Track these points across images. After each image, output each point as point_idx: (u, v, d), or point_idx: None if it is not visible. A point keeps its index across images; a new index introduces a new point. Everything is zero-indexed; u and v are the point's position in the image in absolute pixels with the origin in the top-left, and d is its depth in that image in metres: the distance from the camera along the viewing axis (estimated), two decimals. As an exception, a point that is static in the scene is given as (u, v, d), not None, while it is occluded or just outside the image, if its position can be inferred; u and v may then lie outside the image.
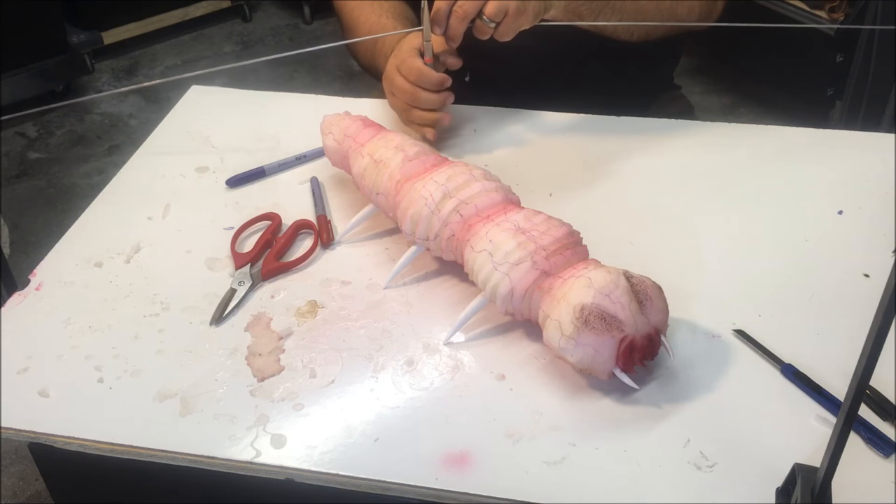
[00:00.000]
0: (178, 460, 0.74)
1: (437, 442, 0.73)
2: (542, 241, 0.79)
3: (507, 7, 0.94)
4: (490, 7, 0.94)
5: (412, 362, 0.81)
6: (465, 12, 0.95)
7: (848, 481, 0.62)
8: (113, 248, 0.96)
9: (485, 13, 0.95)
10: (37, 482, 1.68)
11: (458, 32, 0.97)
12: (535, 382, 0.78)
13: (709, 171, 1.05)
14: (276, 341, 0.83)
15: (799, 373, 0.77)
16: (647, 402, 0.76)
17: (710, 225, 0.96)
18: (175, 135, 1.15)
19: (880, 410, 0.74)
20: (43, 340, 0.85)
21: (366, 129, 0.97)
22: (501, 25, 0.96)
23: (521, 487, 0.69)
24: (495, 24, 0.96)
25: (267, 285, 0.90)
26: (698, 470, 0.70)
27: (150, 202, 1.03)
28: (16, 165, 2.57)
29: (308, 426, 0.75)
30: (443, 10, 0.96)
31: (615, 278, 0.74)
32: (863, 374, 0.51)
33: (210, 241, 0.96)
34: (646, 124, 1.13)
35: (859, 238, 0.93)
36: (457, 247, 0.85)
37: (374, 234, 0.97)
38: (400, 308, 0.87)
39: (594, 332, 0.72)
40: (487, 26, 0.96)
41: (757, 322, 0.83)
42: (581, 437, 0.73)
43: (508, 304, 0.79)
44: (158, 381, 0.80)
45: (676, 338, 0.82)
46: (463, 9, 0.95)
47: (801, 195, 1.00)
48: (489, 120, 1.15)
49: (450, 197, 0.84)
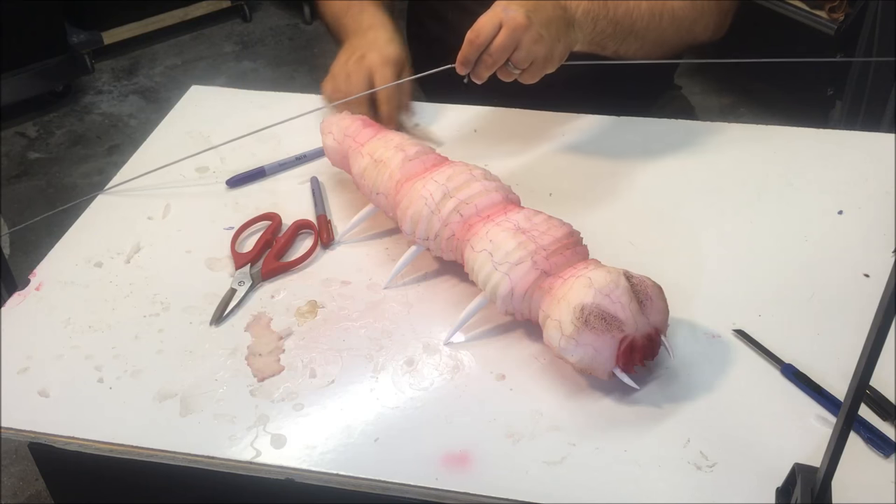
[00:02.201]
0: (178, 460, 0.74)
1: (437, 442, 0.73)
2: (543, 240, 0.79)
3: (535, 57, 0.93)
4: (518, 57, 0.93)
5: (412, 362, 0.81)
6: (493, 62, 0.93)
7: (848, 481, 0.62)
8: (113, 248, 0.96)
9: (512, 61, 0.93)
10: (37, 482, 1.68)
11: (482, 78, 0.95)
12: (535, 382, 0.78)
13: (709, 171, 1.05)
14: (276, 341, 0.83)
15: (799, 373, 0.77)
16: (647, 402, 0.76)
17: (710, 225, 0.96)
18: (175, 135, 1.15)
19: (880, 410, 0.74)
20: (43, 340, 0.85)
21: (366, 128, 0.97)
22: (527, 72, 0.95)
23: (521, 487, 0.69)
24: (520, 71, 0.95)
25: (267, 285, 0.90)
26: (698, 470, 0.70)
27: (150, 202, 1.03)
28: (16, 165, 2.57)
29: (308, 426, 0.75)
30: (470, 57, 0.94)
31: (615, 278, 0.74)
32: (863, 374, 0.51)
33: (210, 241, 0.96)
34: (646, 124, 1.14)
35: (859, 238, 0.93)
36: (457, 247, 0.85)
37: (374, 234, 0.97)
38: (400, 308, 0.87)
39: (594, 332, 0.72)
40: (512, 73, 0.95)
41: (757, 322, 0.83)
42: (581, 437, 0.73)
43: (508, 304, 0.79)
44: (158, 381, 0.80)
45: (676, 338, 0.82)
46: (492, 58, 0.93)
47: (801, 195, 1.00)
48: (489, 120, 1.15)
49: (450, 197, 0.84)
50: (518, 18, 0.91)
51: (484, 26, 0.92)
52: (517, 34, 0.91)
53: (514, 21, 0.91)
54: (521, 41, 0.91)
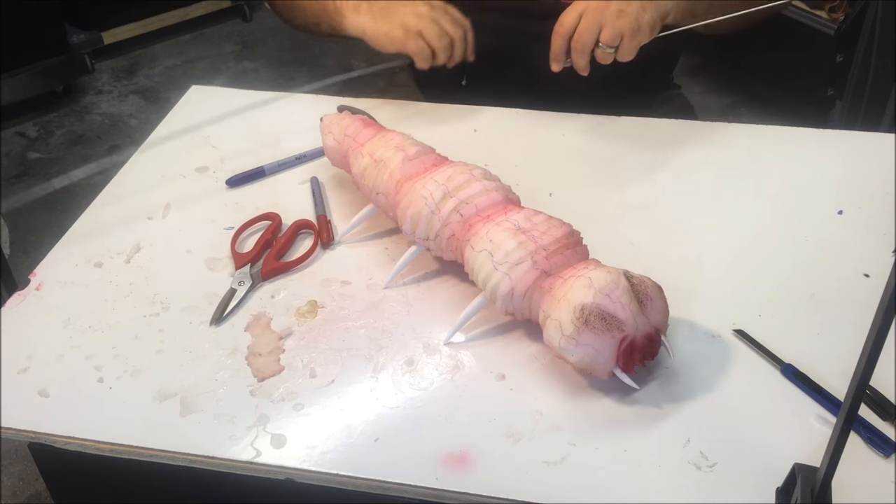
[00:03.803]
0: (178, 460, 0.74)
1: (437, 442, 0.73)
2: (543, 240, 0.79)
3: (622, 31, 0.97)
4: (605, 35, 0.97)
5: (412, 362, 0.81)
6: (583, 46, 0.99)
7: (848, 481, 0.62)
8: (113, 248, 0.96)
9: (601, 41, 0.98)
10: (37, 482, 1.68)
11: (582, 64, 1.01)
12: (535, 382, 0.78)
13: (709, 171, 1.05)
14: (276, 341, 0.83)
15: (799, 373, 0.77)
16: (647, 402, 0.76)
17: (710, 225, 0.96)
18: (175, 135, 1.15)
19: (880, 410, 0.74)
20: (43, 340, 0.85)
21: (366, 128, 0.97)
22: (620, 48, 0.99)
23: (521, 487, 0.69)
24: (614, 49, 0.99)
25: (267, 285, 0.90)
26: (698, 470, 0.70)
27: (150, 202, 1.03)
28: (16, 165, 2.57)
29: (308, 426, 0.75)
30: (560, 48, 1.00)
31: (615, 278, 0.74)
32: (863, 374, 0.51)
33: (210, 241, 0.96)
34: (646, 124, 1.14)
35: (859, 238, 0.93)
36: (457, 246, 0.85)
37: (374, 234, 0.97)
38: (400, 308, 0.87)
39: (594, 332, 0.72)
40: (606, 52, 0.99)
41: (757, 322, 0.83)
42: (581, 437, 0.73)
43: (508, 303, 0.79)
44: (158, 381, 0.80)
45: (676, 338, 0.82)
46: (581, 43, 0.99)
47: (801, 195, 1.00)
48: (489, 120, 1.15)
49: (450, 196, 0.84)
50: (595, 2, 0.97)
51: (566, 16, 0.99)
52: (598, 15, 0.97)
53: (593, 5, 0.97)
54: (604, 20, 0.97)
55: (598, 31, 0.98)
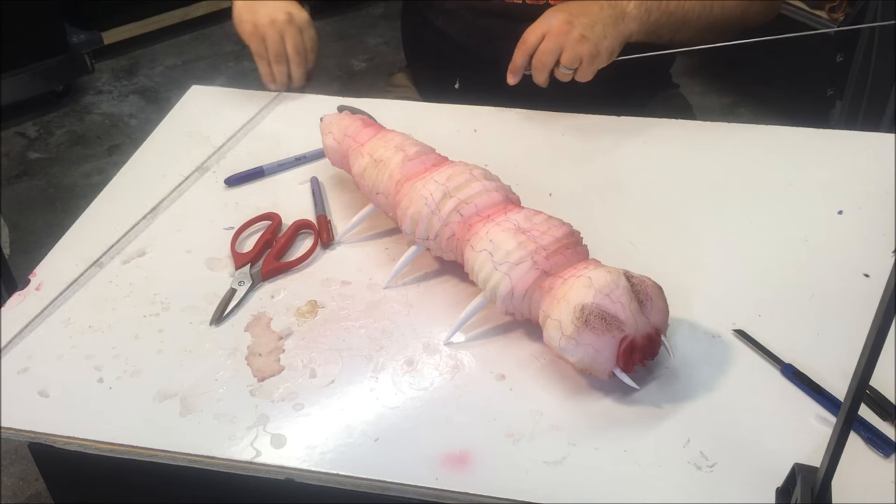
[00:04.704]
0: (178, 460, 0.74)
1: (437, 442, 0.73)
2: (543, 240, 0.79)
3: (581, 56, 1.02)
4: (565, 57, 1.02)
5: (412, 362, 0.81)
6: (543, 65, 1.04)
7: (848, 481, 0.62)
8: (113, 248, 0.96)
9: (561, 62, 1.03)
10: (37, 482, 1.68)
11: (541, 80, 1.05)
12: (535, 382, 0.78)
13: (709, 171, 1.05)
14: (276, 341, 0.83)
15: (799, 373, 0.77)
16: (647, 402, 0.76)
17: (710, 225, 0.96)
18: (175, 135, 1.15)
19: (880, 410, 0.74)
20: (43, 340, 0.85)
21: (366, 128, 0.97)
22: (579, 71, 1.04)
23: (521, 487, 0.69)
24: (573, 70, 1.04)
25: (267, 285, 0.90)
26: (698, 470, 0.70)
27: (149, 202, 1.03)
28: (16, 165, 2.57)
29: (308, 426, 0.75)
30: (520, 63, 1.05)
31: (615, 278, 0.74)
32: (863, 374, 0.51)
33: (210, 241, 0.96)
34: (645, 124, 1.13)
35: (859, 238, 0.93)
36: (457, 246, 0.85)
37: (374, 234, 0.97)
38: (400, 308, 0.87)
39: (594, 332, 0.72)
40: (565, 73, 1.04)
41: (757, 322, 0.83)
42: (581, 437, 0.73)
43: (508, 303, 0.79)
44: (158, 381, 0.80)
45: (676, 338, 0.82)
46: (541, 62, 1.03)
47: (801, 195, 1.00)
48: (489, 120, 1.15)
49: (450, 196, 0.84)
50: (559, 24, 1.02)
51: (529, 34, 1.04)
52: (560, 38, 1.01)
53: (556, 27, 1.02)
54: (566, 44, 1.01)
55: (559, 52, 1.02)
